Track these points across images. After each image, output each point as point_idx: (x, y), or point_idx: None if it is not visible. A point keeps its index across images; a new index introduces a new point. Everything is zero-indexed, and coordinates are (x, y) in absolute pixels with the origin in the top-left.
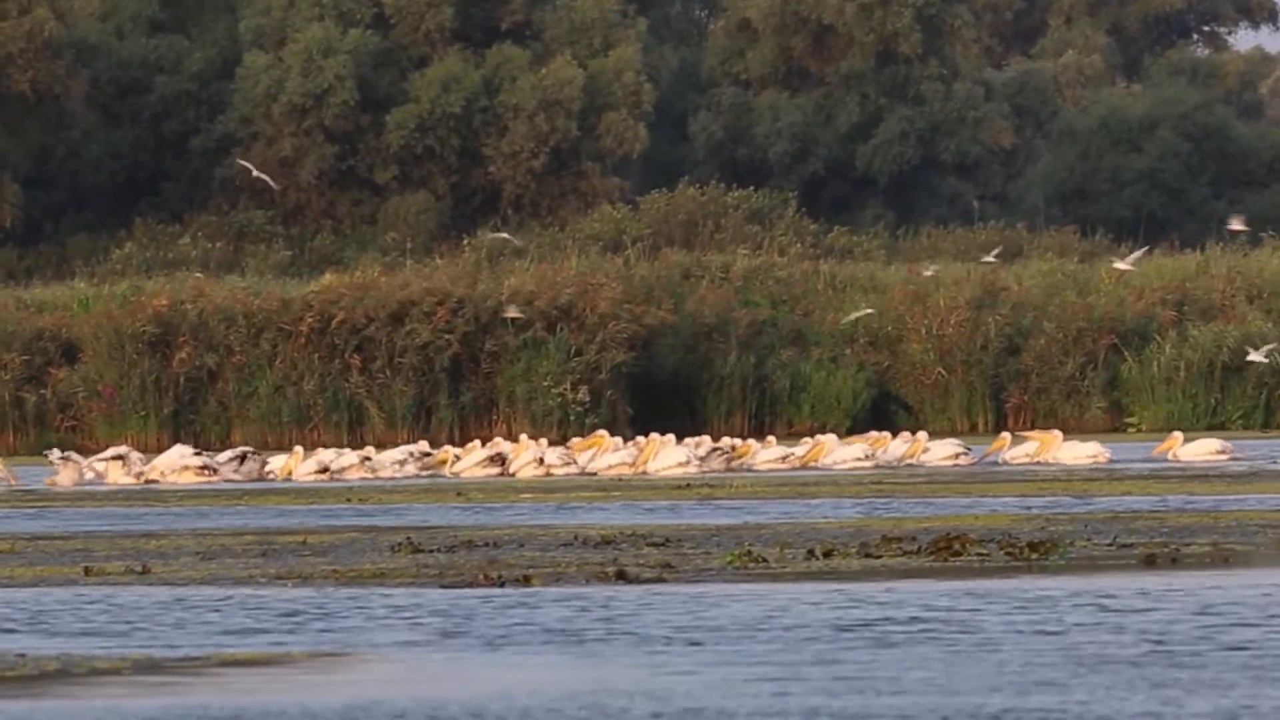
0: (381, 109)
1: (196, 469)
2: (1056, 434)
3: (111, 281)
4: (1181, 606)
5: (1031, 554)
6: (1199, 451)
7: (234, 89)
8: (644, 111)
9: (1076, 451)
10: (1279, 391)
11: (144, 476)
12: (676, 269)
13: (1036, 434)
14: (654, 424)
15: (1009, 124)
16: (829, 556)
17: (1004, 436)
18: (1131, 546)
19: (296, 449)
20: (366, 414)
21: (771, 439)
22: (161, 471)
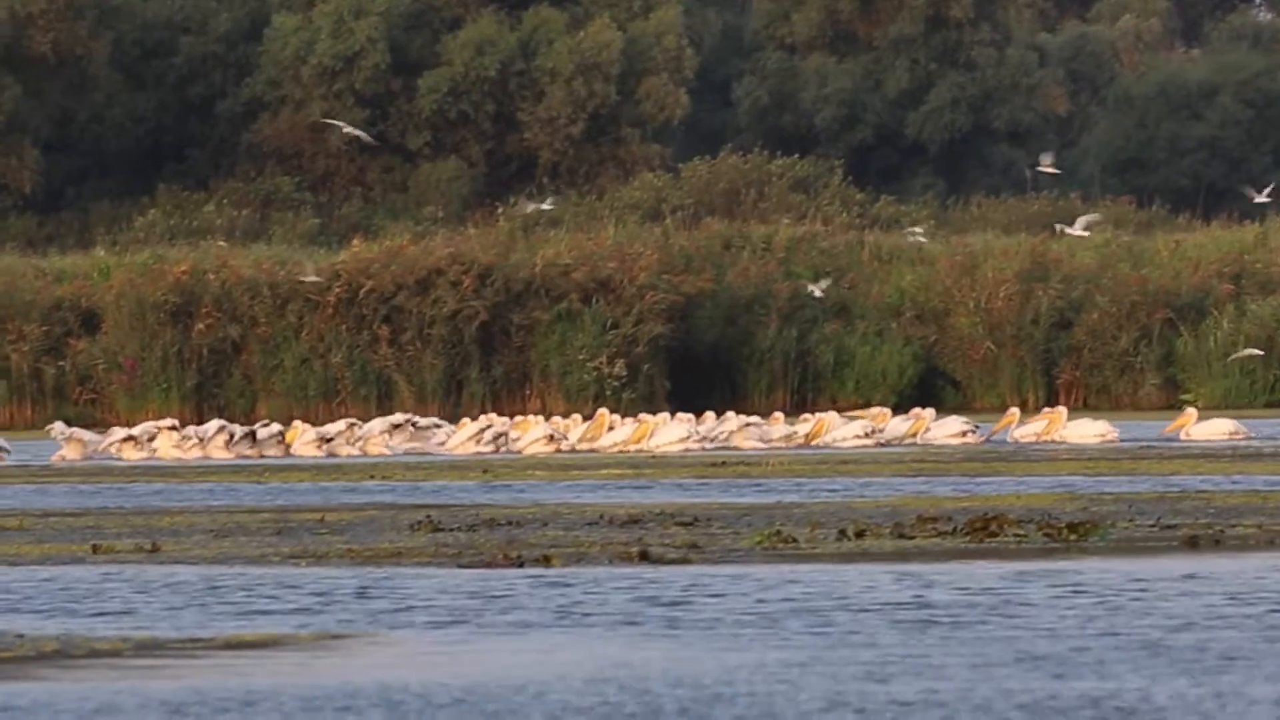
0: (413, 72)
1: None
2: (1062, 411)
3: (133, 250)
4: (1224, 590)
5: (1071, 535)
6: (1211, 431)
7: (262, 51)
8: (685, 76)
9: (1084, 430)
10: None
11: (187, 448)
12: (717, 239)
13: (1044, 412)
14: (693, 399)
15: (1064, 90)
16: (861, 537)
17: (1013, 412)
18: (1175, 528)
19: (295, 423)
20: (395, 387)
21: (778, 415)
22: (203, 444)
